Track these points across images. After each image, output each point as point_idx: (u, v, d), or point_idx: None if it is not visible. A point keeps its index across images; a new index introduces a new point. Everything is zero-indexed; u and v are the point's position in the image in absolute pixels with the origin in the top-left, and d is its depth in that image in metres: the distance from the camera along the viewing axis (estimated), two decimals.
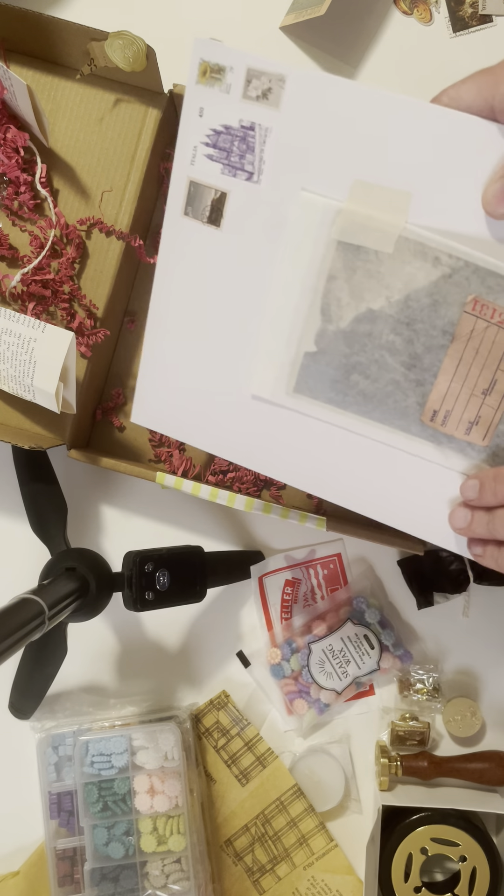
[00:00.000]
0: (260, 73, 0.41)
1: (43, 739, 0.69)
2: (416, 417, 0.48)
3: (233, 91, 0.42)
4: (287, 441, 0.52)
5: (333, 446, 0.51)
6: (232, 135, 0.43)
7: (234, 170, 0.44)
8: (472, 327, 0.45)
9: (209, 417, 0.53)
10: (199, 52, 0.42)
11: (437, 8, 0.71)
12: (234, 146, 0.43)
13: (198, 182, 0.45)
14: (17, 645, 0.49)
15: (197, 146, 0.44)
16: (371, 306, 0.46)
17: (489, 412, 0.47)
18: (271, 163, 0.44)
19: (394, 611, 0.72)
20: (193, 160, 0.44)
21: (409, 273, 0.45)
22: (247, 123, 0.43)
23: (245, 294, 0.49)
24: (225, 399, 0.52)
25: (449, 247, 0.43)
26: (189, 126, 0.44)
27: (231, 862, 0.71)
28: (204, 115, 0.43)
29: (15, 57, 0.65)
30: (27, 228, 0.66)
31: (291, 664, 0.70)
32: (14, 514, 0.71)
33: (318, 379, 0.49)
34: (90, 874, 0.66)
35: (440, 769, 0.69)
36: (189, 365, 0.52)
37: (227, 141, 0.43)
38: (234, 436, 0.53)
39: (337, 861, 0.70)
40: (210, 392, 0.52)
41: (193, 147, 0.44)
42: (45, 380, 0.59)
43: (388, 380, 0.48)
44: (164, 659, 0.73)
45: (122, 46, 0.57)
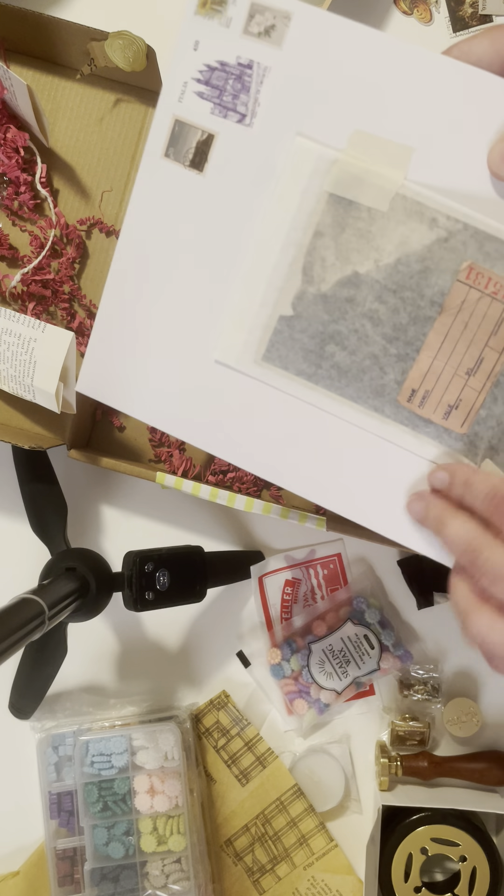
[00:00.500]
0: (264, 9, 0.39)
1: (43, 739, 0.69)
2: (393, 397, 0.45)
3: (233, 25, 0.40)
4: (246, 417, 0.47)
5: (297, 426, 0.47)
6: (227, 72, 0.40)
7: (225, 110, 0.41)
8: (463, 298, 0.42)
9: (164, 389, 0.48)
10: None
11: (437, 8, 0.71)
12: (229, 84, 0.41)
13: (184, 121, 0.42)
14: (17, 645, 0.49)
15: (187, 82, 0.41)
16: (357, 269, 0.43)
17: (471, 395, 0.44)
18: (266, 105, 0.41)
19: (394, 611, 0.72)
20: (182, 97, 0.41)
21: (403, 234, 0.42)
22: (244, 61, 0.40)
23: (222, 249, 0.45)
24: (184, 365, 0.47)
25: (448, 207, 0.41)
26: (181, 60, 0.41)
27: (231, 862, 0.71)
28: (199, 48, 0.40)
29: (15, 57, 0.65)
30: (27, 228, 0.66)
31: (291, 664, 0.70)
32: (14, 514, 0.71)
33: (290, 347, 0.45)
34: (90, 874, 0.66)
35: (440, 769, 0.69)
36: (150, 327, 0.47)
37: (220, 78, 0.41)
38: (190, 409, 0.48)
39: (337, 861, 0.70)
40: (169, 357, 0.47)
41: (183, 83, 0.41)
42: (45, 380, 0.59)
43: (367, 353, 0.44)
44: (164, 659, 0.73)
45: (122, 46, 0.57)
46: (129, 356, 0.48)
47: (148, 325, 0.47)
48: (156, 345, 0.47)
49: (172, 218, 0.44)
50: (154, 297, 0.46)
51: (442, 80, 0.39)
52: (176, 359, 0.47)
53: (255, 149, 0.42)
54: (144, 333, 0.47)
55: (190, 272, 0.45)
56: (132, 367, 0.48)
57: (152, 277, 0.46)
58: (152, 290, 0.46)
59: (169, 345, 0.47)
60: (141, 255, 0.46)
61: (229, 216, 0.44)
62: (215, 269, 0.45)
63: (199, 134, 0.42)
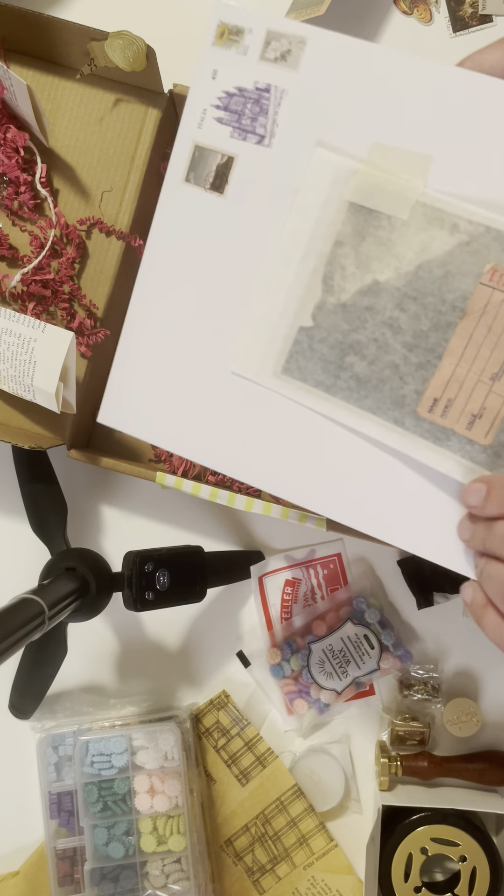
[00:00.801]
0: (280, 35, 0.41)
1: (43, 739, 0.69)
2: (412, 409, 0.44)
3: (250, 53, 0.42)
4: (263, 435, 0.46)
5: (314, 442, 0.46)
6: (245, 97, 0.42)
7: (244, 133, 0.43)
8: (486, 300, 0.42)
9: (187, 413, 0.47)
10: (218, 13, 0.41)
11: (437, 8, 0.71)
12: (247, 109, 0.42)
13: (203, 146, 0.43)
14: (17, 645, 0.49)
15: (206, 109, 0.43)
16: (377, 277, 0.43)
17: (496, 402, 0.43)
18: (285, 126, 0.42)
19: (394, 611, 0.72)
20: (201, 123, 0.43)
21: (423, 241, 0.42)
22: (262, 85, 0.42)
23: (244, 266, 0.45)
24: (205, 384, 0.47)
25: (469, 211, 0.41)
26: (200, 88, 0.43)
27: (231, 862, 0.71)
28: (217, 77, 0.42)
29: (15, 57, 0.65)
30: (27, 228, 0.66)
31: (291, 664, 0.70)
32: (14, 514, 0.71)
33: (309, 358, 0.45)
34: (90, 874, 0.66)
35: (440, 769, 0.69)
36: (174, 351, 0.47)
37: (239, 103, 0.42)
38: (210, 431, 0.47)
39: (337, 861, 0.70)
40: (191, 379, 0.47)
41: (203, 110, 0.43)
42: (45, 380, 0.59)
43: (387, 362, 0.44)
44: (164, 659, 0.73)
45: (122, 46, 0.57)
46: (152, 384, 0.48)
47: (172, 350, 0.47)
48: (179, 369, 0.47)
49: (194, 240, 0.45)
50: (177, 320, 0.47)
51: (457, 91, 0.40)
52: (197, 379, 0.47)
53: (274, 167, 0.43)
54: (168, 359, 0.47)
55: (213, 293, 0.46)
56: (155, 395, 0.48)
57: (175, 301, 0.46)
58: (175, 314, 0.47)
59: (192, 367, 0.47)
60: (163, 279, 0.46)
61: (250, 234, 0.45)
62: (237, 286, 0.46)
63: (218, 157, 0.43)
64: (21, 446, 0.60)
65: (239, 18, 0.41)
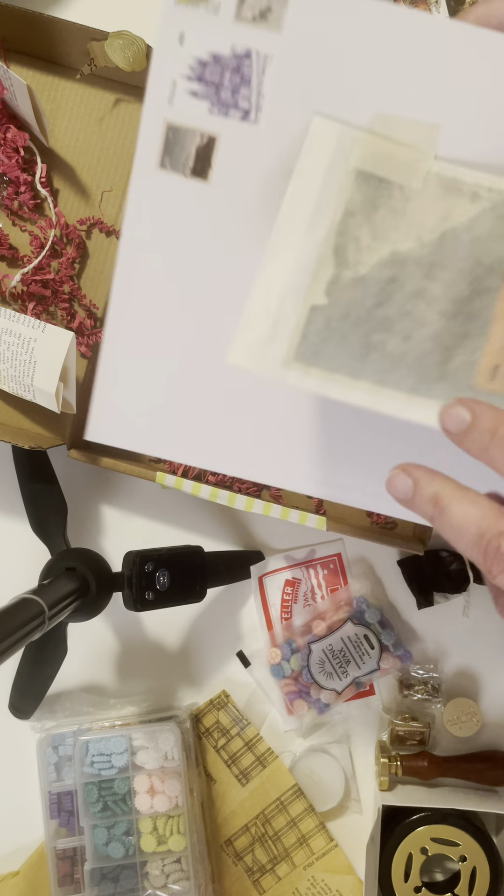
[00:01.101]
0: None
1: (43, 739, 0.69)
2: (468, 381, 0.38)
3: (222, 12, 0.35)
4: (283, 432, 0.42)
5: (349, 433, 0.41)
6: (222, 65, 0.36)
7: (225, 107, 0.37)
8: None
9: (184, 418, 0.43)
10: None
11: (438, 8, 0.71)
12: (226, 79, 0.36)
13: (177, 126, 0.37)
14: (17, 645, 0.49)
15: (176, 81, 0.36)
16: (398, 248, 0.38)
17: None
18: (272, 97, 0.37)
19: (394, 611, 0.72)
20: (172, 98, 0.36)
21: (444, 210, 0.38)
22: (241, 50, 0.36)
23: (238, 260, 0.40)
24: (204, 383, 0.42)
25: (488, 179, 0.37)
26: (166, 55, 0.36)
27: (231, 862, 0.71)
28: (185, 41, 0.36)
29: (15, 57, 0.65)
30: (27, 228, 0.66)
31: (291, 664, 0.70)
32: (14, 514, 0.71)
33: (327, 340, 0.39)
34: (90, 874, 0.66)
35: (440, 769, 0.69)
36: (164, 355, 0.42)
37: (215, 73, 0.36)
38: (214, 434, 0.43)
39: (337, 861, 0.70)
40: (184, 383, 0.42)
41: (172, 82, 0.36)
42: (45, 380, 0.59)
43: (425, 335, 0.38)
44: (164, 659, 0.73)
45: (122, 46, 0.57)
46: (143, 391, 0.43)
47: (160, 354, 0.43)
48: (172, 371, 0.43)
49: (178, 233, 0.40)
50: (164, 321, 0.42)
51: (462, 49, 0.35)
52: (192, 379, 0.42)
53: (264, 146, 0.38)
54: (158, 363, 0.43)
55: (203, 290, 0.41)
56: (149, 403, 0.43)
57: (160, 302, 0.42)
58: (161, 315, 0.42)
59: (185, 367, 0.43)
60: (145, 279, 0.41)
61: (244, 223, 0.40)
62: (230, 281, 0.41)
63: (197, 138, 0.38)
64: (21, 446, 0.60)
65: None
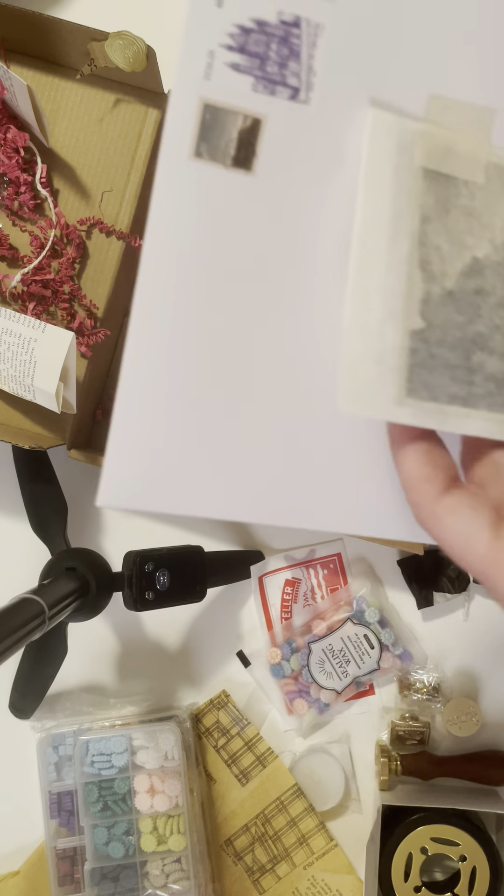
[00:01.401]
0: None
1: (43, 739, 0.69)
2: None
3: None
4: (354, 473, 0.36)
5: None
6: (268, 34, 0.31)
7: (272, 84, 0.32)
8: None
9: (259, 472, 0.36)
10: None
11: None
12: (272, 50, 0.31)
13: (216, 105, 0.31)
14: (17, 645, 0.49)
15: (214, 51, 0.30)
16: (475, 254, 0.35)
17: None
18: (324, 74, 0.32)
19: (394, 611, 0.72)
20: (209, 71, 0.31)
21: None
22: (289, 17, 0.31)
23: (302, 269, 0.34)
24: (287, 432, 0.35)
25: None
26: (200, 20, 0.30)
27: (231, 861, 0.71)
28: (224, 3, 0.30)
29: (15, 57, 0.65)
30: (27, 228, 0.66)
31: (291, 664, 0.70)
32: (14, 514, 0.71)
33: (433, 369, 0.34)
34: (90, 874, 0.66)
35: (440, 769, 0.69)
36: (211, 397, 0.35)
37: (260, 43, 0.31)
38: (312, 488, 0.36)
39: (337, 861, 0.70)
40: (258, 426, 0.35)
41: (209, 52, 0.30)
42: (46, 380, 0.59)
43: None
44: (164, 659, 0.73)
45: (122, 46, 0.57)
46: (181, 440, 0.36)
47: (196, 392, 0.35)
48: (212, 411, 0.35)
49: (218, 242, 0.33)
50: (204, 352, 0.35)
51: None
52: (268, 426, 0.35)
53: (317, 130, 0.33)
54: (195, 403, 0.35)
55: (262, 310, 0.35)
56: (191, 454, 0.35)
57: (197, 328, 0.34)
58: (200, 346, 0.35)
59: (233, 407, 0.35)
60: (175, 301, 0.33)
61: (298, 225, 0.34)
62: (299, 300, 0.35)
63: (240, 120, 0.32)
64: (21, 446, 0.60)
65: None
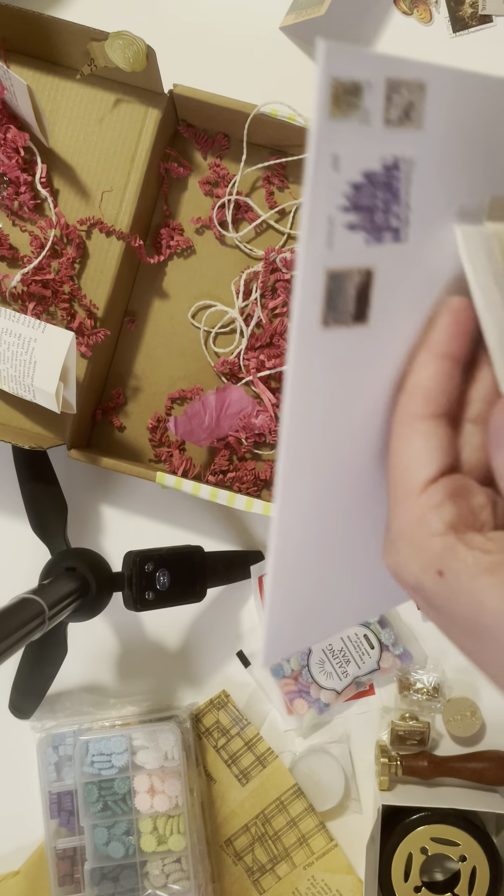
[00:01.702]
0: (398, 84, 0.29)
1: (43, 739, 0.69)
2: None
3: (373, 119, 0.29)
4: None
5: None
6: (374, 184, 0.30)
7: (379, 233, 0.31)
8: None
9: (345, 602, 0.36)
10: (333, 65, 0.26)
11: (437, 8, 0.71)
12: (378, 199, 0.30)
13: (339, 271, 0.30)
14: (17, 645, 0.49)
15: (334, 216, 0.29)
16: None
17: None
18: (418, 209, 0.31)
19: (394, 611, 0.72)
20: (331, 239, 0.29)
21: None
22: (390, 160, 0.30)
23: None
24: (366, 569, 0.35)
25: None
26: (322, 188, 0.28)
27: (231, 861, 0.71)
28: (340, 165, 0.29)
29: (15, 57, 0.65)
30: (27, 228, 0.66)
31: (291, 664, 0.70)
32: (14, 514, 0.71)
33: None
34: (90, 874, 0.66)
35: (440, 769, 0.69)
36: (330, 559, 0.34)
37: (369, 195, 0.30)
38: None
39: (337, 861, 0.70)
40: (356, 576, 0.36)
41: (328, 219, 0.29)
42: (46, 380, 0.59)
43: None
44: (164, 659, 0.73)
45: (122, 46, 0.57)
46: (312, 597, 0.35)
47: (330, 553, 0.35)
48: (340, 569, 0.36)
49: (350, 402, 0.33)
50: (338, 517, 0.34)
51: None
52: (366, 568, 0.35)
53: (415, 264, 0.32)
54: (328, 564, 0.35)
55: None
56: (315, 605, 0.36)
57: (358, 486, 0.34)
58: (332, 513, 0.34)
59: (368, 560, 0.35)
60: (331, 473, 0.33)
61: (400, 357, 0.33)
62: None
63: (356, 277, 0.31)
64: (21, 446, 0.60)
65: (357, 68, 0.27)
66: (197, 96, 0.62)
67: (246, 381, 0.69)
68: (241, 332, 0.69)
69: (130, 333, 0.71)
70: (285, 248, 0.70)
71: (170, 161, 0.68)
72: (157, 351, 0.71)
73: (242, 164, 0.67)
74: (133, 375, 0.71)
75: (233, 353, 0.70)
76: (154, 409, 0.71)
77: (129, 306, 0.71)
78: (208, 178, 0.69)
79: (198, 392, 0.70)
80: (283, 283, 0.68)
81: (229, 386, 0.67)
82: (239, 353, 0.69)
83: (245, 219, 0.70)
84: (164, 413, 0.70)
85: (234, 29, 0.71)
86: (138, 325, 0.71)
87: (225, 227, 0.70)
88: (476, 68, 0.35)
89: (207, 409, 0.66)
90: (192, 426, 0.66)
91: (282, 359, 0.68)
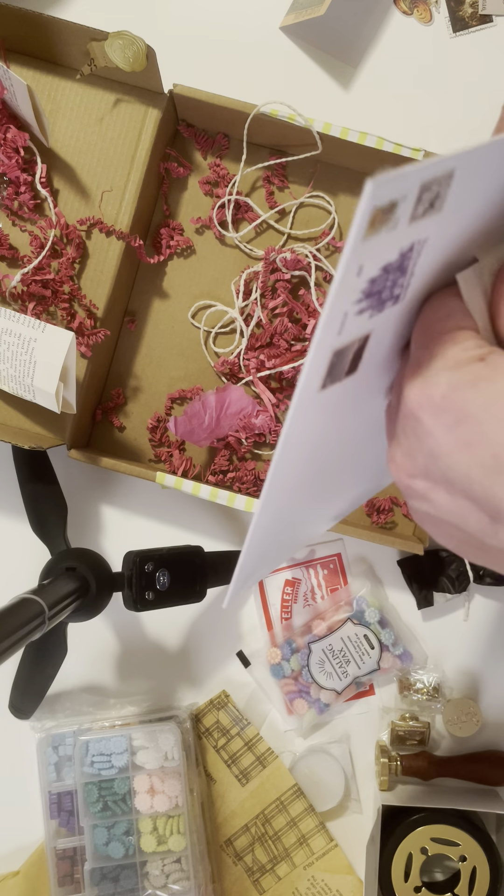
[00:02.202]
0: (430, 183, 0.30)
1: (43, 739, 0.69)
2: None
3: (401, 223, 0.30)
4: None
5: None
6: (389, 272, 0.32)
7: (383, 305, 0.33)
8: None
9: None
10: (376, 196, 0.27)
11: (437, 8, 0.71)
12: (389, 281, 0.32)
13: (342, 349, 0.33)
14: (17, 645, 0.49)
15: (348, 312, 0.32)
16: None
17: None
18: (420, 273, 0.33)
19: (394, 611, 0.72)
20: (342, 328, 0.32)
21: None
22: (406, 247, 0.31)
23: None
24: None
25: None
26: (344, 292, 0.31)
27: (231, 862, 0.71)
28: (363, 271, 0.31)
29: (15, 57, 0.65)
30: (27, 228, 0.66)
31: (291, 664, 0.70)
32: (14, 514, 0.71)
33: None
34: (90, 874, 0.66)
35: (440, 769, 0.69)
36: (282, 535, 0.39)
37: (382, 282, 0.32)
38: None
39: (337, 861, 0.70)
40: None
41: (343, 314, 0.32)
42: (45, 380, 0.59)
43: None
44: (164, 659, 0.73)
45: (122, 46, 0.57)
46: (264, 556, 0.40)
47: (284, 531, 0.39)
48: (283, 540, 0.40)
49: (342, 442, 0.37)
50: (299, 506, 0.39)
51: None
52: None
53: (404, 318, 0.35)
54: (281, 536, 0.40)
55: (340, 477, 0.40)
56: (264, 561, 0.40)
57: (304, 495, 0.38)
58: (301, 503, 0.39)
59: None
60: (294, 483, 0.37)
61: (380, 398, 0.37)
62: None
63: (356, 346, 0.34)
64: (21, 446, 0.60)
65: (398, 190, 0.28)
66: (197, 96, 0.62)
67: (246, 381, 0.69)
68: (241, 332, 0.69)
69: (130, 333, 0.71)
70: (285, 247, 0.70)
71: (170, 161, 0.68)
72: (157, 351, 0.71)
73: (242, 163, 0.67)
74: (133, 375, 0.71)
75: (233, 353, 0.70)
76: (154, 409, 0.71)
77: (129, 306, 0.71)
78: (208, 177, 0.69)
79: (198, 392, 0.70)
80: (283, 283, 0.68)
81: (229, 386, 0.67)
82: (239, 353, 0.69)
83: (245, 219, 0.70)
84: (164, 413, 0.70)
85: (234, 29, 0.71)
86: (138, 325, 0.71)
87: (225, 227, 0.70)
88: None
89: (207, 409, 0.66)
90: (192, 426, 0.66)
91: (282, 359, 0.68)
